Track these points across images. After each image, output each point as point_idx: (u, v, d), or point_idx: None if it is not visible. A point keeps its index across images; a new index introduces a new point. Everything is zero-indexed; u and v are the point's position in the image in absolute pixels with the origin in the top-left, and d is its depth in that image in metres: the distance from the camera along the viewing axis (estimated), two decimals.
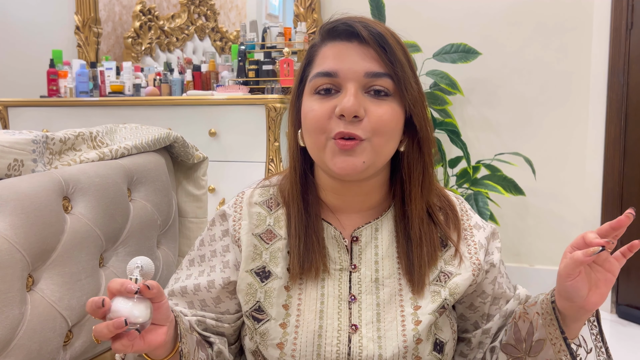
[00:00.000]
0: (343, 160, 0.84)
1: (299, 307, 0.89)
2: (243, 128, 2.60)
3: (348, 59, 0.84)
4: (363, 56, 0.84)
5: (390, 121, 0.84)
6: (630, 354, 2.23)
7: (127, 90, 3.09)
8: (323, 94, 0.85)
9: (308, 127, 0.87)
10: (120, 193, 1.17)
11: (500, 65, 2.82)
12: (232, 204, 0.97)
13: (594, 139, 2.71)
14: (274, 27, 3.06)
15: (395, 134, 0.87)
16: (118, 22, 3.51)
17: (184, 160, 1.42)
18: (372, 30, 0.84)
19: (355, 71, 0.84)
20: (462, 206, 0.98)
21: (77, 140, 1.18)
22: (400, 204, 0.93)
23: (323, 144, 0.85)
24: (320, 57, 0.88)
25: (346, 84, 0.84)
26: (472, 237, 0.94)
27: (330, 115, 0.84)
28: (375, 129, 0.83)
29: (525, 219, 2.84)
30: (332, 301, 0.89)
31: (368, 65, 0.84)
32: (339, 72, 0.84)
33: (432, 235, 0.91)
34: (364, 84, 0.84)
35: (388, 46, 0.84)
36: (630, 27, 2.54)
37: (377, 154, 0.85)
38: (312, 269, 0.89)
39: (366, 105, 0.84)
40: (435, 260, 0.90)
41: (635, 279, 2.57)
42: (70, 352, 1.05)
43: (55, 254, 1.01)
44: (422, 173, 0.90)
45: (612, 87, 2.62)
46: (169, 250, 1.34)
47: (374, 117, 0.83)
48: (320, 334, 0.87)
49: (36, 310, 0.97)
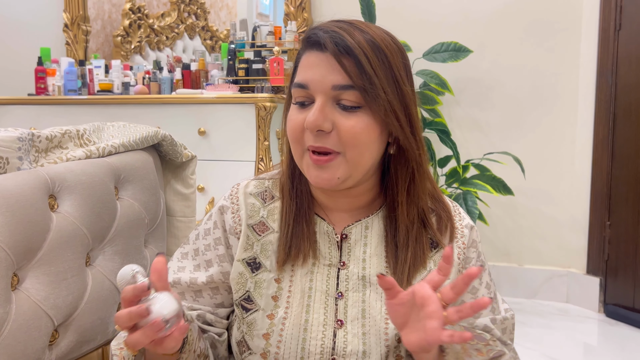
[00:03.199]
0: (317, 174, 0.84)
1: (288, 299, 0.89)
2: (233, 127, 2.59)
3: (317, 70, 0.83)
4: (331, 69, 0.82)
5: (361, 133, 0.82)
6: (618, 353, 2.25)
7: (116, 89, 3.07)
8: (299, 106, 0.86)
9: (289, 135, 0.87)
10: (107, 191, 1.16)
11: (490, 66, 2.83)
12: (227, 196, 0.97)
13: (582, 139, 2.72)
14: (265, 25, 3.05)
15: (372, 145, 0.84)
16: (107, 20, 3.49)
17: (172, 159, 1.42)
18: (337, 41, 0.81)
19: (323, 83, 0.82)
20: (455, 209, 0.97)
21: (63, 138, 1.17)
22: (391, 205, 0.92)
23: (301, 154, 0.86)
24: (300, 66, 0.87)
25: (316, 96, 0.83)
26: (462, 237, 0.94)
27: (304, 128, 0.84)
28: (346, 142, 0.82)
29: (514, 218, 2.86)
30: (319, 296, 0.89)
31: (335, 78, 0.82)
32: (309, 85, 0.83)
33: (422, 239, 0.90)
34: (332, 96, 0.82)
35: (354, 57, 0.81)
36: (619, 28, 2.55)
37: (353, 166, 0.84)
38: (300, 256, 0.89)
39: (335, 118, 0.82)
40: (424, 262, 0.90)
41: (623, 279, 2.58)
42: (56, 352, 1.04)
43: (41, 252, 1.00)
44: (409, 179, 0.89)
45: (600, 88, 2.63)
46: (156, 249, 1.34)
47: (343, 130, 0.82)
48: (305, 328, 0.87)
49: (21, 309, 0.96)
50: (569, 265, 2.81)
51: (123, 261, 1.20)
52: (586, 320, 2.58)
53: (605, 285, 2.65)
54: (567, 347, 2.28)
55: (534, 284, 2.82)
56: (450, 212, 0.94)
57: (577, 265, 2.78)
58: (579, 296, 2.74)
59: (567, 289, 2.79)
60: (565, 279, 2.79)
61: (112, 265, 1.17)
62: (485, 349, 0.83)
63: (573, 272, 2.77)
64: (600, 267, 2.67)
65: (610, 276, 2.63)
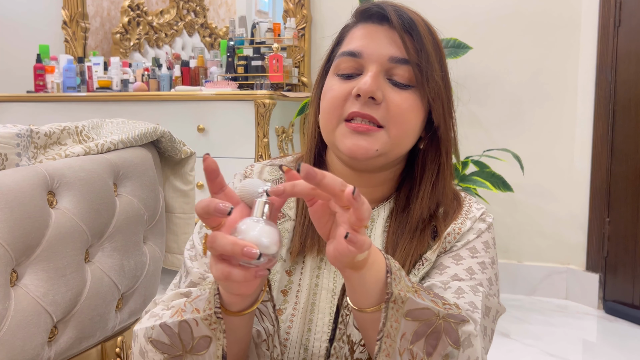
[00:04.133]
0: (354, 142, 0.80)
1: (297, 294, 0.85)
2: (232, 124, 2.58)
3: (375, 41, 0.82)
4: (390, 40, 0.81)
5: (409, 111, 0.81)
6: (618, 349, 2.25)
7: (114, 86, 3.07)
8: (344, 78, 0.83)
9: (324, 106, 0.84)
10: (106, 188, 1.15)
11: (489, 62, 2.83)
12: (240, 178, 0.93)
13: (581, 136, 2.72)
14: (263, 22, 3.05)
15: (415, 127, 0.83)
16: (106, 17, 3.48)
17: (171, 156, 1.41)
18: (402, 15, 0.82)
19: (380, 54, 0.81)
20: (468, 202, 0.92)
21: (62, 135, 1.17)
22: (404, 199, 0.88)
23: (334, 126, 0.83)
24: (349, 37, 0.86)
25: (368, 66, 0.81)
26: (462, 224, 0.88)
27: (347, 97, 0.81)
28: (393, 117, 0.80)
29: (513, 215, 2.86)
30: (325, 294, 0.86)
31: (393, 50, 0.81)
32: (363, 53, 0.82)
33: (426, 232, 0.86)
34: (386, 68, 0.81)
35: (416, 34, 0.81)
36: (618, 24, 2.55)
37: (393, 144, 0.81)
38: (315, 247, 0.86)
39: (386, 90, 0.81)
40: (423, 254, 0.86)
41: (622, 275, 2.58)
42: (55, 348, 1.04)
43: (40, 248, 1.00)
44: (436, 173, 0.86)
45: (600, 85, 2.63)
46: (155, 246, 1.33)
47: (393, 104, 0.80)
48: (310, 328, 0.84)
49: (20, 305, 0.96)
50: (568, 262, 2.81)
51: (122, 258, 1.20)
52: (585, 317, 2.58)
53: (604, 282, 2.65)
54: (566, 344, 2.28)
55: (534, 280, 2.82)
56: (462, 206, 0.90)
57: (576, 262, 2.78)
58: (578, 293, 2.74)
59: (566, 285, 2.79)
60: (565, 275, 2.79)
61: (111, 261, 1.17)
62: (442, 305, 0.70)
63: (572, 268, 2.77)
64: (599, 264, 2.67)
65: (609, 273, 2.63)
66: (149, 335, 0.74)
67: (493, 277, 0.86)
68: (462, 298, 0.79)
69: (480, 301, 0.80)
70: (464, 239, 0.87)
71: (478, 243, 0.87)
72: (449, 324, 0.70)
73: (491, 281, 0.85)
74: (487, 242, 0.88)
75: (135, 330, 0.78)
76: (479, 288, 0.81)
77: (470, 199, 0.92)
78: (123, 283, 1.20)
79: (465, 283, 0.81)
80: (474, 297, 0.80)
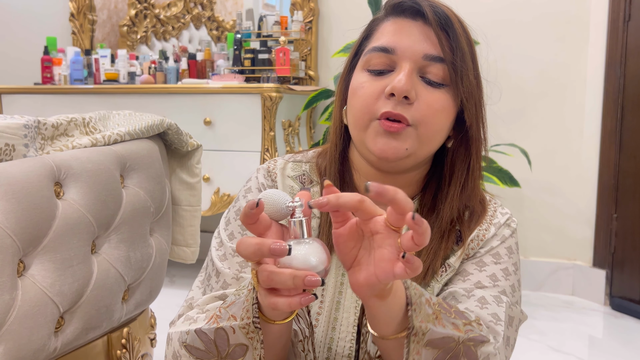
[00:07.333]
0: (385, 142, 0.78)
1: (323, 291, 0.83)
2: (238, 117, 2.58)
3: (409, 37, 0.79)
4: (425, 37, 0.78)
5: (441, 111, 0.79)
6: (624, 346, 2.24)
7: (121, 78, 3.07)
8: (375, 74, 0.80)
9: (354, 104, 0.81)
10: (112, 179, 1.16)
11: (497, 57, 2.81)
12: (264, 173, 0.90)
13: (590, 130, 2.70)
14: (271, 15, 3.04)
15: (444, 127, 0.81)
16: (113, 10, 3.48)
17: (177, 148, 1.41)
18: (438, 11, 0.79)
19: (414, 51, 0.78)
20: (493, 205, 0.90)
21: (69, 126, 1.17)
22: (429, 200, 0.86)
23: (366, 124, 0.80)
24: (379, 31, 0.82)
25: (402, 63, 0.78)
26: (487, 231, 0.86)
27: (379, 95, 0.78)
28: (424, 116, 0.78)
29: (520, 210, 2.85)
30: (350, 293, 0.84)
31: (428, 47, 0.78)
32: (397, 49, 0.79)
33: (451, 235, 0.84)
34: (420, 66, 0.79)
35: (452, 31, 0.78)
36: (628, 19, 2.53)
37: (422, 144, 0.79)
38: None
39: (418, 89, 0.78)
40: (446, 259, 0.84)
41: (629, 271, 2.57)
42: (62, 339, 1.05)
43: (47, 239, 1.00)
44: (465, 173, 0.84)
45: (608, 79, 2.61)
46: (162, 238, 1.34)
47: (425, 103, 0.78)
48: (334, 327, 0.82)
49: (27, 295, 0.96)
50: (575, 258, 2.80)
51: (128, 249, 1.20)
52: (592, 313, 2.57)
53: (611, 278, 2.64)
54: (572, 340, 2.27)
55: (540, 276, 2.81)
56: (486, 210, 0.87)
57: (583, 258, 2.77)
58: (585, 289, 2.73)
59: (573, 281, 2.78)
60: (571, 271, 2.78)
61: (118, 253, 1.17)
62: (463, 327, 0.69)
63: (579, 264, 2.76)
64: (606, 260, 2.66)
65: (616, 269, 2.62)
66: (184, 340, 0.73)
67: (516, 283, 0.85)
68: (485, 309, 0.78)
69: (503, 312, 0.79)
70: (488, 245, 0.85)
71: (502, 249, 0.85)
72: (468, 347, 0.69)
73: (514, 288, 0.84)
74: (511, 247, 0.87)
75: (170, 334, 0.77)
76: (502, 298, 0.80)
77: (495, 202, 0.90)
78: (129, 274, 1.20)
79: (489, 292, 0.80)
80: (497, 308, 0.79)
